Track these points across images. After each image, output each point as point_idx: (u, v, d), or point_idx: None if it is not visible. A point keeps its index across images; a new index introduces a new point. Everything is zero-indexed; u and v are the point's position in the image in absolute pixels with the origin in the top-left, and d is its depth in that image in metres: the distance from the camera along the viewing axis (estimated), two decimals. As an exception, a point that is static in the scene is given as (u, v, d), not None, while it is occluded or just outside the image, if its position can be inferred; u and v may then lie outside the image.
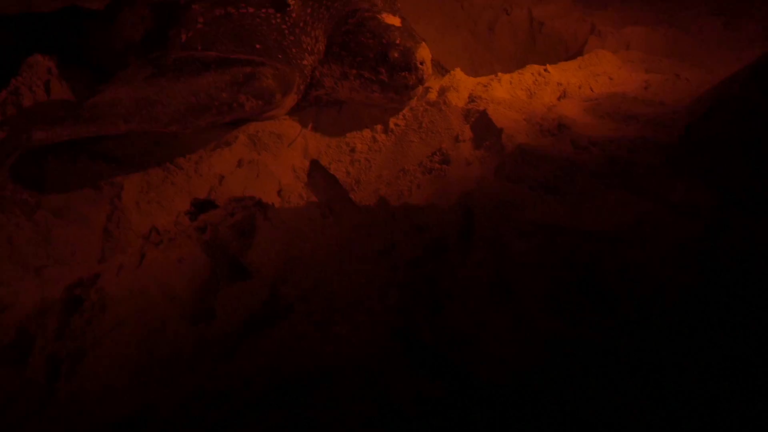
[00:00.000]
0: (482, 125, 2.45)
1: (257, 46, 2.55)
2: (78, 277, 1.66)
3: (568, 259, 1.63)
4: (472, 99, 2.63)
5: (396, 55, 2.48)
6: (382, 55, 2.49)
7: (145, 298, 1.64)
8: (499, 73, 2.80)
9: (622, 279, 1.56)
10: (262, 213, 1.82)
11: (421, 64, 2.49)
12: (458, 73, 2.83)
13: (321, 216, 1.84)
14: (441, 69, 3.33)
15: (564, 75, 2.83)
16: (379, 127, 2.75)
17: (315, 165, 2.10)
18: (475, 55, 4.21)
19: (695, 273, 1.53)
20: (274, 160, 2.66)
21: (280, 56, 2.60)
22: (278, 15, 2.64)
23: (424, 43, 2.53)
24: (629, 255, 1.64)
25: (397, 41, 2.49)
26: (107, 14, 3.02)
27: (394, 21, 2.56)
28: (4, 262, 1.94)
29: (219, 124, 2.45)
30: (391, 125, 2.72)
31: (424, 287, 1.60)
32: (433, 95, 2.74)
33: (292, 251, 1.74)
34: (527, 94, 2.69)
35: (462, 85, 2.72)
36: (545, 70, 2.76)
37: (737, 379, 1.26)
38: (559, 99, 2.66)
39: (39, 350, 1.48)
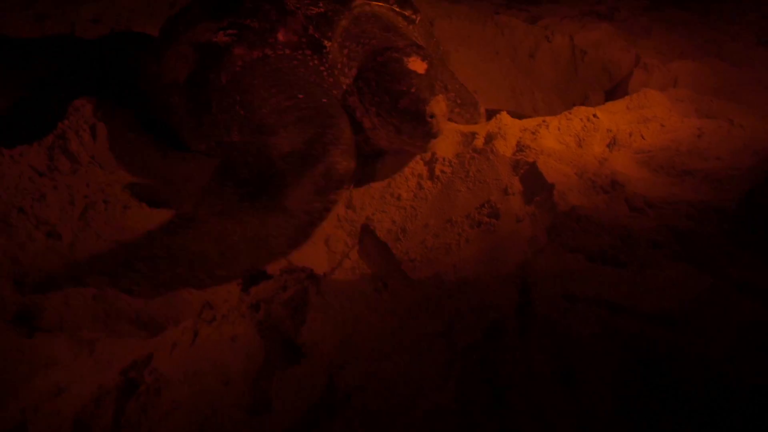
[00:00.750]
0: (532, 178, 2.41)
1: (300, 96, 2.52)
2: (132, 359, 1.66)
3: (631, 348, 1.58)
4: (520, 148, 2.59)
5: (407, 103, 2.43)
6: (394, 101, 2.46)
7: (200, 380, 1.63)
8: (547, 118, 2.75)
9: (687, 373, 1.51)
10: (314, 287, 1.80)
11: (431, 117, 2.41)
12: (505, 117, 2.78)
13: (374, 291, 1.82)
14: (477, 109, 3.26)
15: (613, 119, 2.77)
16: (424, 173, 2.72)
17: (365, 230, 2.08)
18: (515, 83, 4.16)
19: (763, 371, 1.47)
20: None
21: (324, 100, 2.57)
22: (315, 57, 2.63)
23: (441, 95, 2.46)
24: (693, 344, 1.59)
25: (412, 90, 2.43)
26: (156, 46, 3.02)
27: (419, 67, 2.50)
28: (56, 329, 1.95)
29: None
30: (437, 172, 2.69)
31: (484, 376, 1.56)
32: (479, 142, 2.70)
33: (347, 330, 1.72)
34: (576, 141, 2.64)
35: (509, 131, 2.68)
36: (594, 115, 2.70)
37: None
38: (609, 146, 2.61)
39: (97, 443, 1.48)
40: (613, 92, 3.86)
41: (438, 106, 2.42)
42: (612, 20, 4.47)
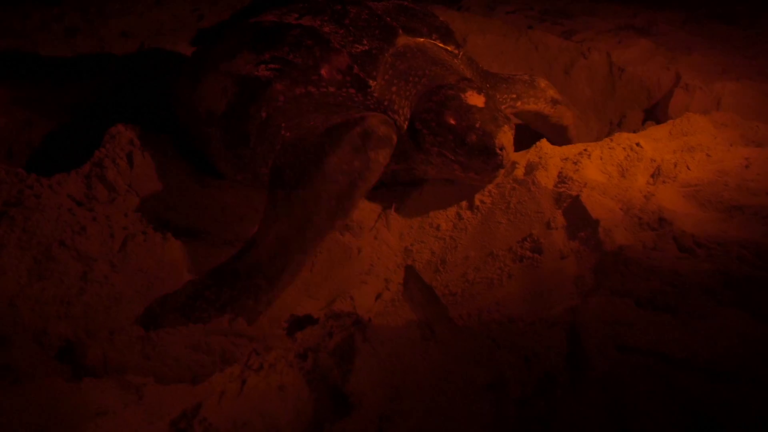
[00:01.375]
0: (576, 213, 2.37)
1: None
2: (181, 408, 1.65)
3: (689, 405, 1.55)
4: (562, 179, 2.55)
5: (474, 138, 2.43)
6: (460, 138, 2.45)
7: (249, 432, 1.62)
8: (589, 146, 2.71)
9: (751, 434, 1.48)
10: (361, 333, 1.78)
11: (501, 149, 2.42)
12: (545, 145, 2.75)
13: (421, 338, 1.79)
14: None
15: (656, 147, 2.72)
16: (464, 203, 2.70)
17: (410, 272, 2.05)
18: (550, 100, 4.10)
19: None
20: (357, 243, 2.63)
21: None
22: (360, 95, 2.60)
23: (506, 126, 2.45)
24: (753, 401, 1.55)
25: (477, 125, 2.43)
26: (191, 72, 3.01)
27: (478, 101, 2.49)
28: (104, 371, 1.96)
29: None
30: (477, 202, 2.66)
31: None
32: (520, 172, 2.67)
33: (395, 379, 1.69)
34: (619, 171, 2.60)
35: (550, 161, 2.64)
36: (637, 144, 2.65)
37: None
38: (653, 177, 2.56)
39: (148, 501, 1.48)
40: (652, 111, 3.80)
41: (506, 136, 2.42)
42: (650, 35, 4.39)
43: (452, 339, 1.79)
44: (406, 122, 2.60)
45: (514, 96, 3.05)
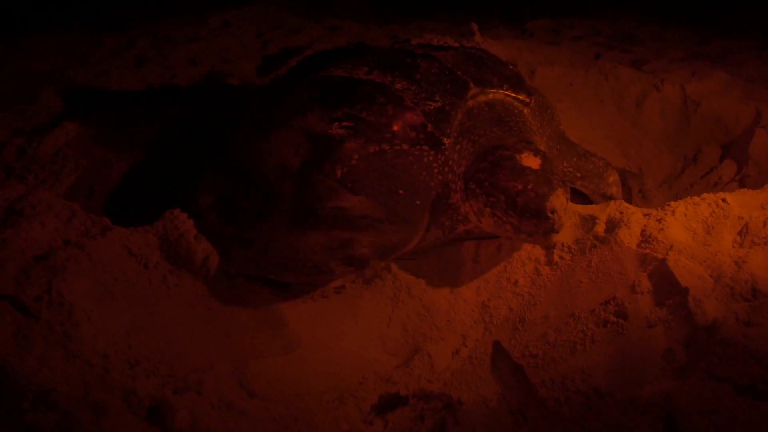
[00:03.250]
0: (662, 278, 2.31)
1: (400, 192, 2.57)
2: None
3: None
4: (645, 239, 2.49)
5: (525, 201, 2.37)
6: (512, 200, 2.40)
7: None
8: (672, 203, 2.65)
9: None
10: (452, 417, 1.78)
11: (552, 213, 2.35)
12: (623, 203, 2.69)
13: (514, 423, 1.79)
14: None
15: (743, 201, 2.64)
16: (542, 258, 2.66)
17: (498, 349, 2.04)
18: (621, 132, 4.04)
19: None
20: (433, 297, 2.63)
21: (417, 202, 2.59)
22: (432, 152, 2.60)
23: (561, 189, 2.40)
24: None
25: (529, 186, 2.38)
26: (258, 124, 3.01)
27: (533, 162, 2.45)
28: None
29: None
30: (556, 258, 2.63)
31: None
32: (600, 228, 2.62)
33: (488, 471, 1.69)
34: (704, 228, 2.53)
35: (633, 217, 2.59)
36: (723, 200, 2.58)
37: None
38: (740, 235, 2.49)
39: None
40: (730, 148, 3.70)
41: (558, 200, 2.37)
42: (725, 64, 4.26)
43: (545, 428, 1.78)
44: (461, 182, 2.59)
45: (579, 175, 3.00)
